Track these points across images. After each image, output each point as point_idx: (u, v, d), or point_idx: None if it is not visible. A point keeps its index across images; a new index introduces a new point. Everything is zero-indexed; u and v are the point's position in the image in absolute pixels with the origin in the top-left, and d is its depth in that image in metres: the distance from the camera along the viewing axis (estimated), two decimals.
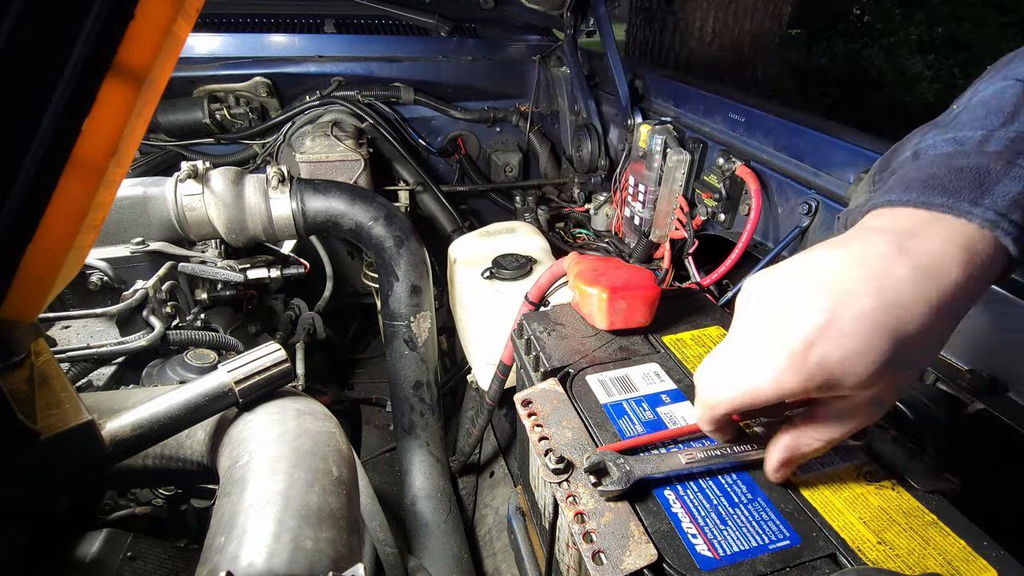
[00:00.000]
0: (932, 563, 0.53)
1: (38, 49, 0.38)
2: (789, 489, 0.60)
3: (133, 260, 1.12)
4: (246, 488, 0.54)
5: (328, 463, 0.59)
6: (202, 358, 0.96)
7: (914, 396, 0.84)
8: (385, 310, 1.39)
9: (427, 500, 1.26)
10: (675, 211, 1.44)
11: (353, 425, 1.66)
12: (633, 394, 0.73)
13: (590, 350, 0.82)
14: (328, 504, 0.54)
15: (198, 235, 1.25)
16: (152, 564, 0.70)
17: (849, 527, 0.56)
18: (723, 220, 1.35)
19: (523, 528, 0.99)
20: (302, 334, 1.54)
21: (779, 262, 0.52)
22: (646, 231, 1.52)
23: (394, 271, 1.33)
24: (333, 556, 0.49)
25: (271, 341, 0.69)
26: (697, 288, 1.20)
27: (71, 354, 0.87)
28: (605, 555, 0.53)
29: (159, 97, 0.54)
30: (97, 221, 0.52)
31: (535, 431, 0.68)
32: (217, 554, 0.48)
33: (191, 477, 0.69)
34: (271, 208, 1.24)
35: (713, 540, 0.55)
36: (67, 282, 0.55)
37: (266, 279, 1.30)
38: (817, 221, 1.11)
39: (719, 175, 1.32)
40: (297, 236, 1.32)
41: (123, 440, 0.56)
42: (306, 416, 0.64)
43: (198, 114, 1.76)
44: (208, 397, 0.60)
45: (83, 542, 0.67)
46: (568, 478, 0.61)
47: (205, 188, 1.19)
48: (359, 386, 1.92)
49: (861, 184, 0.94)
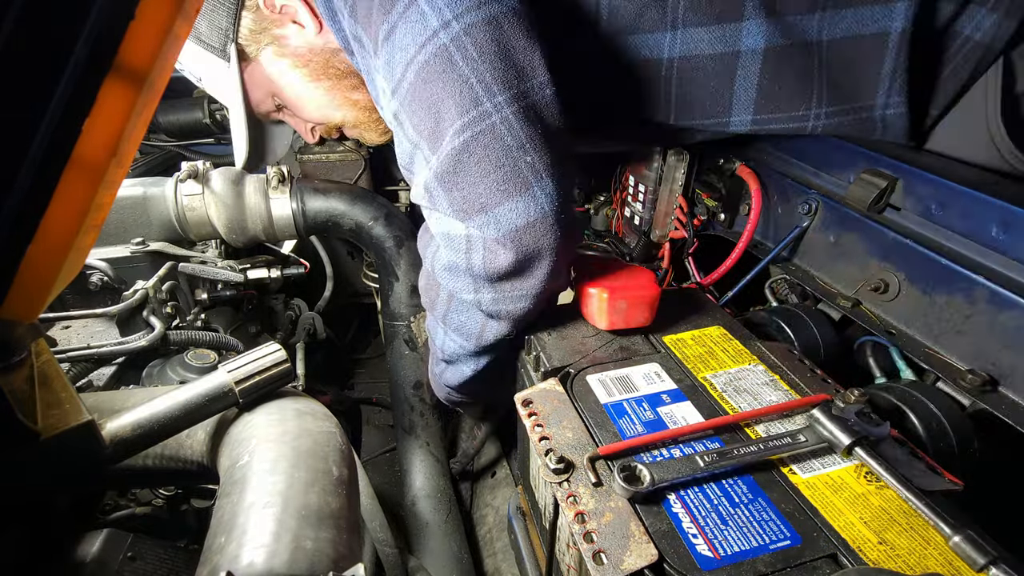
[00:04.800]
0: (932, 563, 0.53)
1: (38, 49, 0.38)
2: (790, 489, 0.60)
3: (133, 260, 1.12)
4: (246, 488, 0.54)
5: (328, 463, 0.59)
6: (202, 358, 0.96)
7: (915, 397, 0.84)
8: (385, 310, 1.39)
9: (427, 500, 1.26)
10: (675, 211, 1.44)
11: (353, 425, 1.66)
12: (633, 394, 0.73)
13: (590, 350, 0.82)
14: (328, 504, 0.54)
15: (198, 235, 1.25)
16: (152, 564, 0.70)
17: (850, 527, 0.56)
18: (723, 220, 1.35)
19: (523, 528, 0.99)
20: (302, 334, 1.54)
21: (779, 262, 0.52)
22: (646, 231, 1.52)
23: (394, 271, 1.33)
24: (333, 556, 0.49)
25: (271, 341, 0.69)
26: (697, 288, 1.20)
27: (71, 354, 0.87)
28: (606, 555, 0.53)
29: (159, 97, 0.54)
30: (97, 221, 0.52)
31: (535, 431, 0.68)
32: (217, 554, 0.48)
33: (191, 477, 0.69)
34: (271, 208, 1.24)
35: (714, 540, 0.55)
36: (67, 282, 0.55)
37: (266, 279, 1.30)
38: (817, 221, 1.11)
39: (719, 175, 1.32)
40: (297, 236, 1.32)
41: (123, 440, 0.56)
42: (306, 416, 0.64)
43: (198, 114, 1.76)
44: (208, 397, 0.60)
45: (83, 542, 0.67)
46: (568, 478, 0.61)
47: (205, 188, 1.19)
48: (359, 386, 1.92)
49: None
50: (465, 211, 0.73)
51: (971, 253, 0.83)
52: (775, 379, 0.76)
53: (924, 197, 0.89)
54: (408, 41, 0.71)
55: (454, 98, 0.69)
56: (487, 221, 0.72)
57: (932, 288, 0.90)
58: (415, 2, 0.69)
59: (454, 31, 0.68)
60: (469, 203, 0.72)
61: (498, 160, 0.70)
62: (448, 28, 0.68)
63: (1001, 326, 0.81)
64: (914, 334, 0.94)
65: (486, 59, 0.68)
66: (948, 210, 0.86)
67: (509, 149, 0.70)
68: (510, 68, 0.70)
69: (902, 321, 0.96)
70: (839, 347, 1.04)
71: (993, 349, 0.82)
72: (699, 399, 0.72)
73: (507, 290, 0.79)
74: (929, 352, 0.90)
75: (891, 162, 0.93)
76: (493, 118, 0.69)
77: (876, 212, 0.95)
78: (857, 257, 1.03)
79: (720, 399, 0.73)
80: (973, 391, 0.82)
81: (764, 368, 0.78)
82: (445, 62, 0.69)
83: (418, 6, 0.69)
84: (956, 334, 0.87)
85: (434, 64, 0.70)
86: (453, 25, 0.68)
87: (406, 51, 0.71)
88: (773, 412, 0.69)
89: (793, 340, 1.02)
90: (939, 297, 0.89)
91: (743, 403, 0.72)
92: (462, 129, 0.70)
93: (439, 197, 0.75)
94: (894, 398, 0.84)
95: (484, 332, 0.85)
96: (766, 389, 0.74)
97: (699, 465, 0.60)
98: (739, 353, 0.81)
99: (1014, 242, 0.78)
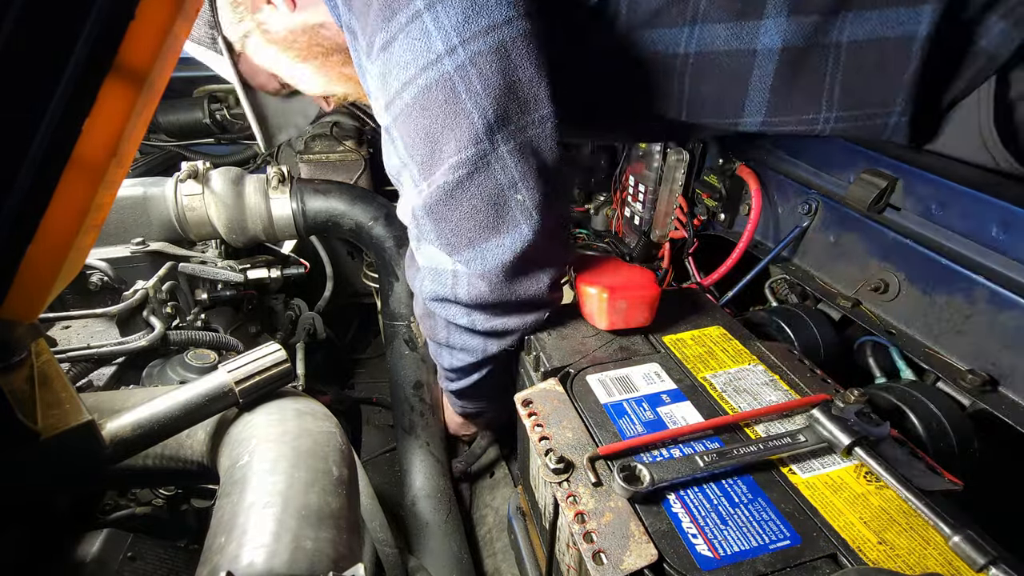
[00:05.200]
0: (932, 563, 0.53)
1: (38, 49, 0.38)
2: (789, 489, 0.60)
3: (133, 260, 1.12)
4: (246, 488, 0.54)
5: (328, 463, 0.59)
6: (202, 358, 0.96)
7: (915, 397, 0.84)
8: (385, 310, 1.39)
9: (427, 500, 1.26)
10: (675, 211, 1.44)
11: (353, 425, 1.66)
12: (633, 394, 0.73)
13: (590, 350, 0.82)
14: (328, 504, 0.54)
15: (198, 235, 1.25)
16: (152, 564, 0.70)
17: (849, 527, 0.56)
18: (723, 220, 1.35)
19: (523, 528, 0.99)
20: (302, 334, 1.54)
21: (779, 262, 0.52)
22: (646, 231, 1.52)
23: (394, 271, 1.33)
24: (333, 556, 0.49)
25: (271, 341, 0.69)
26: (697, 288, 1.20)
27: (71, 354, 0.87)
28: (605, 555, 0.53)
29: (159, 97, 0.54)
30: (97, 221, 0.52)
31: (535, 431, 0.68)
32: (217, 554, 0.48)
33: (191, 477, 0.69)
34: (271, 208, 1.24)
35: (713, 540, 0.55)
36: (67, 282, 0.55)
37: (266, 279, 1.30)
38: (817, 221, 1.11)
39: (719, 175, 1.32)
40: (297, 236, 1.32)
41: (123, 440, 0.56)
42: (306, 416, 0.64)
43: (198, 114, 1.76)
44: (208, 397, 0.60)
45: (83, 542, 0.67)
46: (568, 478, 0.61)
47: (205, 188, 1.19)
48: (359, 386, 1.92)
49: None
50: (453, 245, 0.74)
51: (971, 253, 0.83)
52: (775, 379, 0.76)
53: (924, 197, 0.89)
54: (408, 59, 0.68)
55: (453, 132, 0.68)
56: (474, 256, 0.73)
57: (932, 288, 0.90)
58: (420, 17, 0.66)
59: (460, 59, 0.65)
60: (458, 237, 0.73)
61: (490, 198, 0.70)
62: (453, 55, 0.65)
63: (1001, 326, 0.81)
64: (914, 334, 0.94)
65: (490, 94, 0.66)
66: (948, 210, 0.86)
67: (502, 188, 0.70)
68: (513, 102, 0.68)
69: (902, 321, 0.96)
70: (839, 347, 1.04)
71: (993, 349, 0.82)
72: (699, 399, 0.72)
73: (498, 312, 0.80)
74: (929, 352, 0.90)
75: (891, 162, 0.93)
76: (489, 157, 0.68)
77: (876, 212, 0.95)
78: (857, 257, 1.03)
79: (720, 399, 0.73)
80: (973, 391, 0.82)
81: (764, 368, 0.78)
82: (448, 92, 0.66)
83: (423, 22, 0.65)
84: (956, 334, 0.87)
85: (435, 93, 0.67)
86: (459, 52, 0.65)
87: (405, 69, 0.68)
88: (773, 412, 0.69)
89: (793, 340, 1.02)
90: (939, 297, 0.89)
91: (743, 403, 0.72)
92: (458, 166, 0.69)
93: (427, 228, 0.75)
94: (894, 398, 0.84)
95: (487, 348, 0.86)
96: (766, 389, 0.74)
97: (699, 465, 0.60)
98: (739, 353, 0.81)
99: (1014, 242, 0.78)
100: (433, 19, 0.65)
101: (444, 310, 0.82)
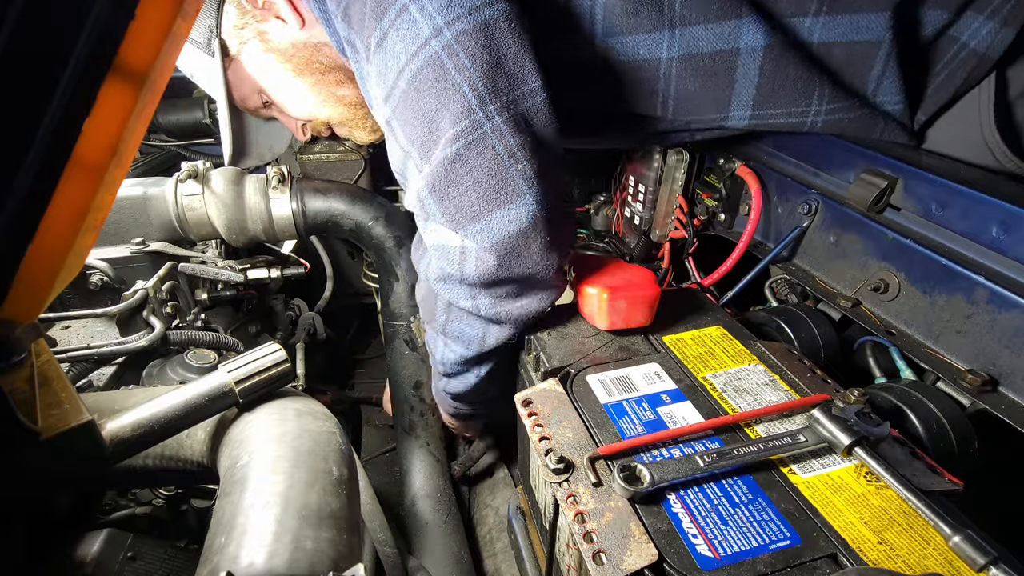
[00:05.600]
0: (932, 563, 0.53)
1: (38, 49, 0.38)
2: (789, 489, 0.60)
3: (133, 260, 1.12)
4: (246, 488, 0.54)
5: (328, 463, 0.59)
6: (202, 358, 0.96)
7: (915, 397, 0.84)
8: (385, 310, 1.39)
9: (427, 500, 1.26)
10: (675, 211, 1.44)
11: (353, 425, 1.66)
12: (633, 394, 0.73)
13: (590, 350, 0.82)
14: (328, 504, 0.54)
15: (198, 235, 1.25)
16: (152, 564, 0.70)
17: (850, 527, 0.56)
18: (723, 220, 1.35)
19: (523, 528, 0.99)
20: (302, 334, 1.54)
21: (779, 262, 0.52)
22: (646, 231, 1.52)
23: (394, 271, 1.33)
24: (333, 556, 0.49)
25: (271, 341, 0.69)
26: (697, 288, 1.20)
27: (71, 354, 0.87)
28: (606, 555, 0.53)
29: (159, 97, 0.54)
30: (97, 221, 0.52)
31: (535, 431, 0.68)
32: (217, 554, 0.48)
33: (191, 477, 0.69)
34: (271, 208, 1.24)
35: (714, 540, 0.55)
36: (67, 282, 0.55)
37: (266, 279, 1.30)
38: (817, 221, 1.11)
39: (719, 175, 1.32)
40: (297, 236, 1.32)
41: (123, 440, 0.56)
42: (306, 416, 0.64)
43: (198, 114, 1.76)
44: (208, 397, 0.60)
45: (83, 542, 0.68)
46: (568, 478, 0.61)
47: (205, 188, 1.19)
48: (359, 386, 1.92)
49: None
50: (457, 220, 0.74)
51: (971, 253, 0.83)
52: (775, 379, 0.76)
53: (924, 197, 0.89)
54: (400, 49, 0.71)
55: (447, 107, 0.70)
56: (480, 230, 0.73)
57: (932, 288, 0.90)
58: (406, 9, 0.69)
59: (445, 39, 0.68)
60: (461, 212, 0.73)
61: (490, 169, 0.70)
62: (440, 36, 0.68)
63: (1001, 326, 0.81)
64: (914, 334, 0.94)
65: (478, 67, 0.68)
66: (948, 210, 0.86)
67: (500, 158, 0.70)
68: (501, 75, 0.70)
69: (902, 321, 0.96)
70: (839, 347, 1.04)
71: (993, 349, 0.82)
72: (699, 399, 0.72)
73: (504, 293, 0.79)
74: (929, 352, 0.90)
75: (891, 162, 0.93)
76: (485, 127, 0.69)
77: (876, 212, 0.95)
78: (857, 257, 1.03)
79: (720, 399, 0.73)
80: (973, 391, 0.82)
81: (764, 368, 0.78)
82: (437, 70, 0.69)
83: (409, 14, 0.69)
84: (956, 334, 0.87)
85: (426, 73, 0.70)
86: (444, 33, 0.68)
87: (398, 59, 0.71)
88: (773, 412, 0.69)
89: (793, 340, 1.02)
90: (939, 297, 0.89)
91: (743, 403, 0.72)
92: (454, 139, 0.70)
93: (431, 206, 0.75)
94: (894, 398, 0.84)
95: (486, 338, 0.85)
96: (766, 389, 0.74)
97: (699, 465, 0.60)
98: (739, 353, 0.81)
99: (1014, 242, 0.78)
100: (419, 8, 0.69)
101: (449, 290, 0.81)
